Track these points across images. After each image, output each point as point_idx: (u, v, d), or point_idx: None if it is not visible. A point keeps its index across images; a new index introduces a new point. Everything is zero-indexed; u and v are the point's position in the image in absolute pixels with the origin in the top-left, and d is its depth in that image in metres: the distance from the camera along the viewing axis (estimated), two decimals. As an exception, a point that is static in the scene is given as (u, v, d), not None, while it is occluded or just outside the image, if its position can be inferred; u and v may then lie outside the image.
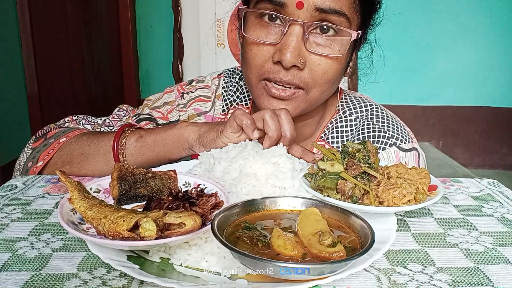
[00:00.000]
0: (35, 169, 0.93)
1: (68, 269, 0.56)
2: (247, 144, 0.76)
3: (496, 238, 0.67)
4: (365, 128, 0.98)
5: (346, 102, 1.04)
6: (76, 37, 3.08)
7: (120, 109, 1.11)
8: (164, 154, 0.88)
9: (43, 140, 0.98)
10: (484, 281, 0.55)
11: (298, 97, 0.85)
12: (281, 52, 0.80)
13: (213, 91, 1.11)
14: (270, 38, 0.83)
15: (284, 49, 0.80)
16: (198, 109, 1.10)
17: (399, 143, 0.96)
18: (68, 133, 0.96)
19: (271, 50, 0.83)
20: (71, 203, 0.58)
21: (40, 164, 0.93)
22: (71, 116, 1.06)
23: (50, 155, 0.93)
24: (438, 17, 3.54)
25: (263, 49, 0.83)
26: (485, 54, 3.61)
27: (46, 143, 0.96)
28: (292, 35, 0.80)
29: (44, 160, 0.93)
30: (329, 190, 0.65)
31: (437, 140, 3.81)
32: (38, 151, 0.95)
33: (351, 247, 0.53)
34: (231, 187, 0.67)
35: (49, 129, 1.02)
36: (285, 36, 0.81)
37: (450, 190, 0.87)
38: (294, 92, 0.84)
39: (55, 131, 1.00)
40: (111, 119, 1.08)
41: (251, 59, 0.85)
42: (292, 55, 0.79)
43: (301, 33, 0.80)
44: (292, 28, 0.80)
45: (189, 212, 0.54)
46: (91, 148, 0.91)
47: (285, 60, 0.80)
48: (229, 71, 1.15)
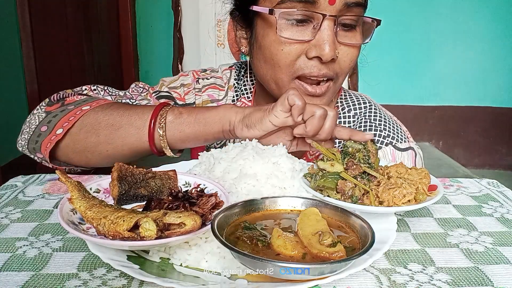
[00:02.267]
0: (54, 137, 0.85)
1: (68, 269, 0.56)
2: (247, 144, 0.76)
3: (496, 238, 0.67)
4: (361, 126, 0.99)
5: (346, 99, 1.06)
6: (76, 37, 3.08)
7: (137, 86, 1.09)
8: (202, 132, 0.84)
9: (60, 105, 0.91)
10: (484, 281, 0.55)
11: (329, 90, 0.89)
12: (319, 47, 0.83)
13: (225, 81, 1.13)
14: (303, 36, 0.85)
15: (322, 44, 0.83)
16: (212, 96, 1.11)
17: (395, 143, 0.96)
18: (91, 102, 0.90)
19: (302, 47, 0.85)
20: (71, 203, 0.58)
21: (60, 132, 0.84)
22: (89, 86, 1.00)
23: (71, 122, 0.85)
24: (438, 17, 3.55)
25: (295, 47, 0.85)
26: (485, 54, 3.61)
27: (64, 109, 0.88)
28: (327, 29, 0.83)
29: (64, 127, 0.85)
30: (329, 190, 0.65)
31: (437, 140, 3.81)
32: (55, 116, 0.87)
33: (351, 247, 0.53)
34: (231, 187, 0.67)
35: (66, 95, 0.95)
36: (319, 31, 0.83)
37: (449, 190, 0.87)
38: (327, 86, 0.88)
39: (74, 98, 0.93)
40: (131, 92, 1.06)
41: (282, 59, 0.86)
42: (331, 49, 0.82)
43: (333, 27, 0.84)
44: (326, 23, 0.83)
45: (189, 212, 0.54)
46: (123, 119, 0.85)
47: (326, 55, 0.82)
48: (239, 65, 1.17)
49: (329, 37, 0.83)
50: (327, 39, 0.83)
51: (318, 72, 0.86)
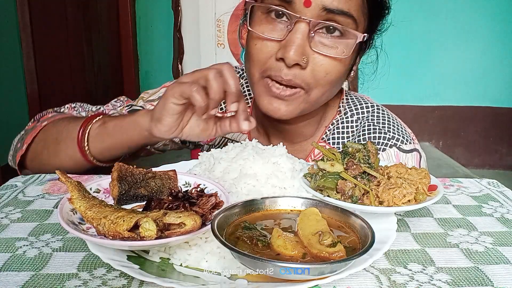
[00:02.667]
0: (20, 152, 0.93)
1: (68, 269, 0.56)
2: (247, 144, 0.76)
3: (496, 238, 0.67)
4: (365, 129, 0.98)
5: (348, 103, 1.03)
6: (76, 37, 3.08)
7: (118, 100, 1.10)
8: (122, 141, 0.86)
9: (36, 122, 0.99)
10: (484, 281, 0.55)
11: (299, 97, 0.84)
12: (285, 49, 0.79)
13: None
14: (275, 34, 0.82)
15: (288, 46, 0.79)
16: None
17: (399, 144, 0.95)
18: (54, 117, 0.97)
19: (275, 47, 0.82)
20: (71, 203, 0.58)
21: (24, 148, 0.92)
22: (71, 104, 1.07)
23: (31, 138, 0.93)
24: (438, 17, 3.54)
25: (267, 44, 0.82)
26: (485, 54, 3.61)
27: (34, 126, 0.97)
28: (298, 32, 0.79)
29: (26, 143, 0.93)
30: (329, 190, 0.65)
31: (437, 140, 3.81)
32: (26, 134, 0.96)
33: (351, 247, 0.53)
34: (231, 187, 0.67)
35: (47, 113, 1.02)
36: (290, 33, 0.79)
37: (449, 190, 0.87)
38: (295, 92, 0.83)
39: (48, 115, 1.00)
40: (106, 108, 1.07)
41: (254, 54, 0.84)
42: (295, 52, 0.78)
43: (307, 32, 0.79)
44: (298, 25, 0.79)
45: (189, 212, 0.54)
46: (63, 134, 0.90)
47: (288, 58, 0.78)
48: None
49: (298, 40, 0.78)
50: (294, 42, 0.78)
51: (282, 77, 0.81)
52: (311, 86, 0.83)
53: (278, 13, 0.81)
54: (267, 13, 0.83)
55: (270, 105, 0.85)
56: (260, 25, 0.83)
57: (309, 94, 0.85)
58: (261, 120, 1.04)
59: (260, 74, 0.85)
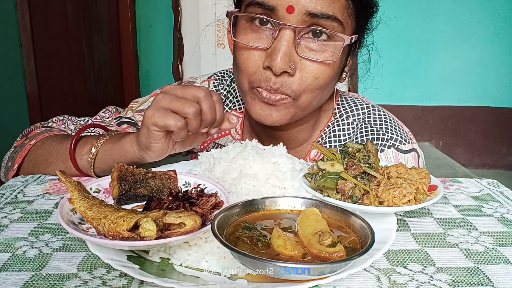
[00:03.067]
0: (12, 172, 0.93)
1: (68, 269, 0.56)
2: (247, 144, 0.76)
3: (496, 238, 0.67)
4: (363, 131, 0.97)
5: (343, 105, 1.02)
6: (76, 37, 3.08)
7: (106, 110, 1.09)
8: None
9: (25, 139, 0.98)
10: (484, 281, 0.55)
11: (287, 103, 0.83)
12: (271, 58, 0.78)
13: None
14: (261, 43, 0.80)
15: (274, 54, 0.77)
16: None
17: (398, 145, 0.94)
18: (42, 134, 0.96)
19: (262, 55, 0.81)
20: (71, 203, 0.58)
21: (15, 167, 0.92)
22: (58, 116, 1.06)
23: (21, 157, 0.93)
24: (438, 17, 3.54)
25: (253, 54, 0.81)
26: (485, 54, 3.61)
27: (22, 144, 0.96)
28: (283, 39, 0.77)
29: (17, 162, 0.93)
30: (329, 190, 0.65)
31: (437, 140, 3.81)
32: (16, 152, 0.95)
33: (351, 247, 0.53)
34: (231, 187, 0.67)
35: (35, 128, 1.01)
36: (275, 40, 0.78)
37: (449, 190, 0.87)
38: (283, 97, 0.82)
39: (36, 130, 0.99)
40: (94, 120, 1.06)
41: (242, 64, 0.83)
42: (282, 60, 0.77)
43: (292, 38, 0.78)
44: (283, 32, 0.78)
45: (189, 212, 0.54)
46: (53, 155, 0.90)
47: (275, 66, 0.77)
48: (220, 74, 1.12)
49: (284, 47, 0.77)
50: (280, 49, 0.77)
51: (271, 86, 0.80)
52: (298, 93, 0.82)
53: (262, 21, 0.80)
54: (251, 21, 0.81)
55: (261, 111, 0.84)
56: (245, 34, 0.82)
57: (297, 100, 0.83)
58: (254, 127, 1.03)
59: (249, 84, 0.84)
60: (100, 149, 0.84)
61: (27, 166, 0.93)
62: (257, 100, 0.84)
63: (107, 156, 0.84)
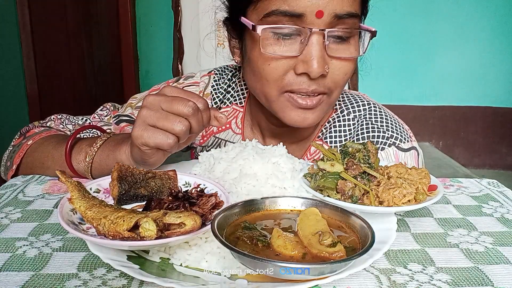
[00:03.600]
0: (11, 172, 0.94)
1: (68, 269, 0.56)
2: (247, 144, 0.76)
3: (496, 238, 0.67)
4: (363, 128, 0.97)
5: (344, 101, 1.03)
6: (76, 37, 3.08)
7: (103, 108, 1.08)
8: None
9: (22, 138, 0.98)
10: (484, 281, 0.55)
11: (323, 103, 0.85)
12: (307, 64, 0.79)
13: (201, 90, 1.08)
14: (290, 51, 0.80)
15: (310, 60, 0.78)
16: None
17: (398, 143, 0.95)
18: (40, 134, 0.96)
19: (290, 62, 0.81)
20: (71, 203, 0.58)
21: (14, 168, 0.93)
22: (56, 115, 1.05)
23: (19, 158, 0.94)
24: (438, 17, 3.54)
25: (282, 62, 0.81)
26: (485, 54, 3.61)
27: (20, 143, 0.96)
28: (315, 44, 0.78)
29: (15, 163, 0.93)
30: (329, 190, 0.65)
31: (437, 140, 3.81)
32: (14, 151, 0.96)
33: (351, 247, 0.53)
34: (231, 187, 0.67)
35: (33, 126, 1.01)
36: (307, 46, 0.79)
37: (449, 190, 0.87)
38: (320, 98, 0.84)
39: (34, 130, 0.99)
40: (92, 119, 1.06)
41: (270, 74, 0.82)
42: (319, 65, 0.78)
43: (322, 41, 0.79)
44: (313, 37, 0.78)
45: (189, 212, 0.54)
46: (49, 160, 0.90)
47: (313, 72, 0.78)
48: (220, 69, 1.12)
49: (317, 52, 0.78)
50: (315, 55, 0.78)
51: (307, 88, 0.81)
52: (332, 90, 0.85)
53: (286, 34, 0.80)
54: (277, 34, 0.81)
55: (298, 117, 0.85)
56: (271, 45, 0.81)
57: (330, 96, 0.86)
58: (257, 121, 1.04)
59: (279, 91, 0.84)
60: (96, 158, 0.84)
61: (25, 168, 0.94)
62: (291, 106, 0.85)
63: (103, 166, 0.84)
